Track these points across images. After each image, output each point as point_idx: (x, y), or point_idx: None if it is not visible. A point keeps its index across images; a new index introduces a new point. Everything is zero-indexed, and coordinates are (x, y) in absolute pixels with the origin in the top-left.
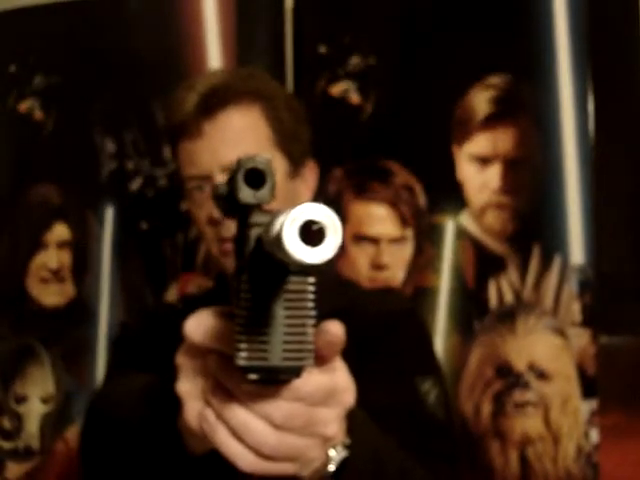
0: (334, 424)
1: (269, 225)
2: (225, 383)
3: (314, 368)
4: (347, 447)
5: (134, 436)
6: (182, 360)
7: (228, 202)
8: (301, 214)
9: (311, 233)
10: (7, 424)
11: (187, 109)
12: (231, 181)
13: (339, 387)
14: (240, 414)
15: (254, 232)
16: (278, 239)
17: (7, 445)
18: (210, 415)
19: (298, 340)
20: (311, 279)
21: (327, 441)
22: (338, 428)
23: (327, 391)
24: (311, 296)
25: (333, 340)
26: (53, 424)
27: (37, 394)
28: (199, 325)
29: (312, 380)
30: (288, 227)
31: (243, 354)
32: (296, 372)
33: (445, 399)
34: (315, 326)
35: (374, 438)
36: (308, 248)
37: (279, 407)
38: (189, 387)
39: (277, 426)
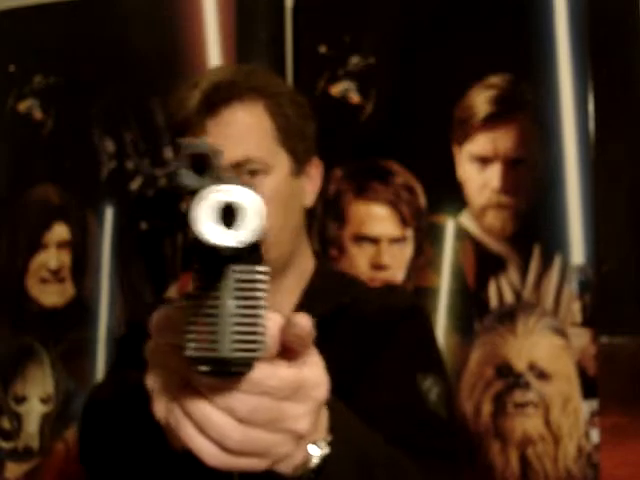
0: (304, 419)
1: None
2: (188, 377)
3: (282, 361)
4: (329, 443)
5: (125, 432)
6: (149, 353)
7: (162, 194)
8: (211, 193)
9: (229, 215)
10: (6, 424)
11: (190, 107)
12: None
13: (309, 382)
14: (203, 408)
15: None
16: (188, 218)
17: (6, 445)
18: (176, 409)
19: (249, 331)
20: (261, 268)
21: (299, 437)
22: (310, 424)
23: (294, 385)
24: (262, 285)
25: (301, 333)
26: (52, 424)
27: (36, 394)
28: (159, 316)
29: (278, 374)
30: (197, 206)
31: (192, 344)
32: (247, 364)
33: (447, 397)
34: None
35: (359, 434)
36: (220, 229)
37: (243, 401)
38: (156, 381)
39: (241, 420)
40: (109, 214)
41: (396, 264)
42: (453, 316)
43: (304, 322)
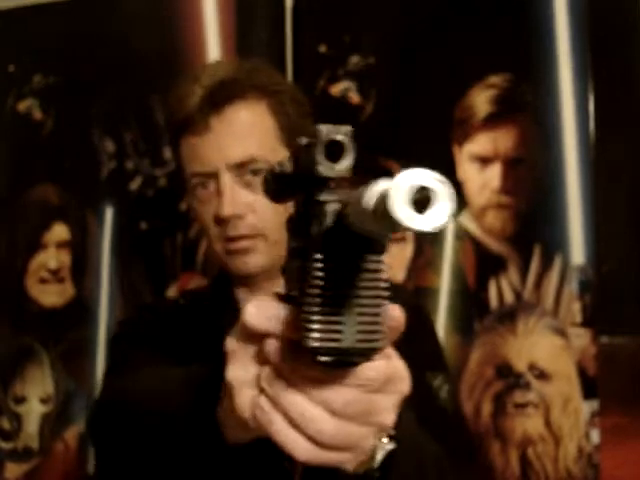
0: (391, 413)
1: (359, 197)
2: (283, 369)
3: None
4: (392, 439)
5: (167, 428)
6: (235, 346)
7: (291, 181)
8: (409, 179)
9: (421, 200)
10: (6, 424)
11: (193, 103)
12: (297, 156)
13: (397, 374)
14: (298, 401)
15: (330, 208)
16: (382, 209)
17: (6, 445)
18: (265, 403)
19: (372, 321)
20: (384, 258)
21: (383, 429)
22: (393, 417)
23: (387, 377)
24: (385, 276)
25: (395, 325)
26: (52, 424)
27: (36, 394)
28: (260, 310)
29: (373, 366)
30: (397, 194)
31: (315, 335)
32: (368, 355)
33: (455, 396)
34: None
35: (414, 430)
36: (420, 215)
37: (339, 393)
38: (241, 374)
39: (336, 413)
40: (109, 214)
41: (396, 264)
42: (453, 316)
43: (398, 314)
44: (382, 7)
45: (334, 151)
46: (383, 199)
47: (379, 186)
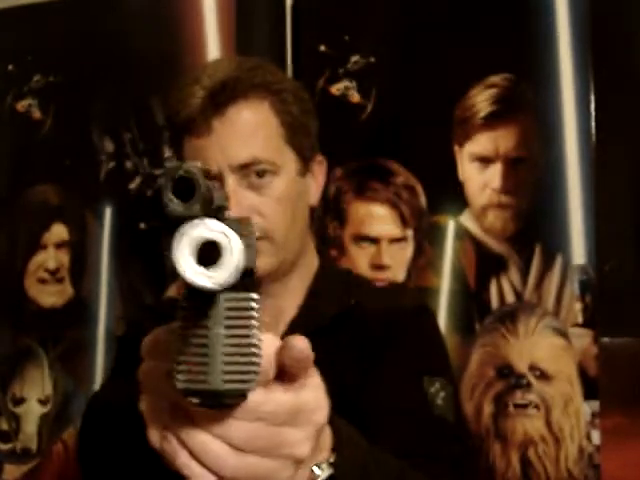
0: (304, 445)
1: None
2: (181, 404)
3: (278, 386)
4: (332, 465)
5: (133, 436)
6: (142, 377)
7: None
8: (192, 228)
9: (206, 252)
10: (5, 426)
11: (194, 104)
12: (156, 193)
13: (308, 405)
14: (198, 436)
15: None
16: (170, 258)
17: (5, 447)
18: (170, 437)
19: (241, 362)
20: (254, 295)
21: (299, 462)
22: (310, 448)
23: (291, 410)
24: (255, 314)
25: (299, 356)
26: (51, 426)
27: (35, 395)
28: (151, 341)
29: (274, 399)
30: (177, 241)
31: (181, 377)
32: (240, 396)
33: (455, 401)
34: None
35: (362, 454)
36: (201, 270)
37: (238, 428)
38: (150, 406)
39: (238, 447)
40: (108, 214)
41: (396, 264)
42: (454, 316)
43: (301, 344)
44: (382, 7)
45: (185, 189)
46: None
47: (180, 232)
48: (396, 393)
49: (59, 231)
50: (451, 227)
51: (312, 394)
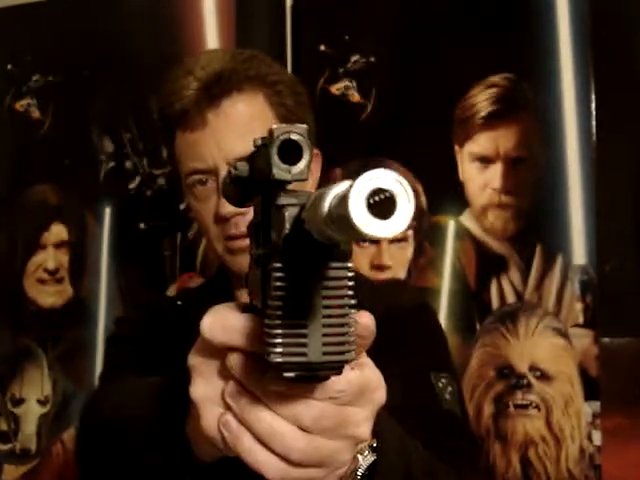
0: (365, 425)
1: (316, 201)
2: (249, 384)
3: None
4: (374, 450)
5: (137, 441)
6: (196, 361)
7: (248, 184)
8: (368, 183)
9: (379, 204)
10: (4, 426)
11: (188, 97)
12: (253, 158)
13: (370, 384)
14: (266, 418)
15: (288, 213)
16: (339, 214)
17: (4, 447)
18: (232, 421)
19: (339, 332)
20: (350, 264)
21: (358, 443)
22: (369, 428)
23: (359, 389)
24: (351, 283)
25: (363, 332)
26: (50, 426)
27: (34, 396)
28: (218, 322)
29: (344, 378)
30: (355, 199)
31: (278, 350)
32: (337, 368)
33: (460, 396)
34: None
35: (400, 439)
36: (378, 221)
37: (308, 408)
38: (205, 391)
39: (306, 428)
40: (107, 214)
41: (397, 264)
42: (454, 317)
43: (366, 320)
44: (382, 7)
45: (290, 152)
46: (340, 203)
47: (337, 189)
48: (406, 389)
49: (58, 231)
50: (451, 227)
51: (373, 372)
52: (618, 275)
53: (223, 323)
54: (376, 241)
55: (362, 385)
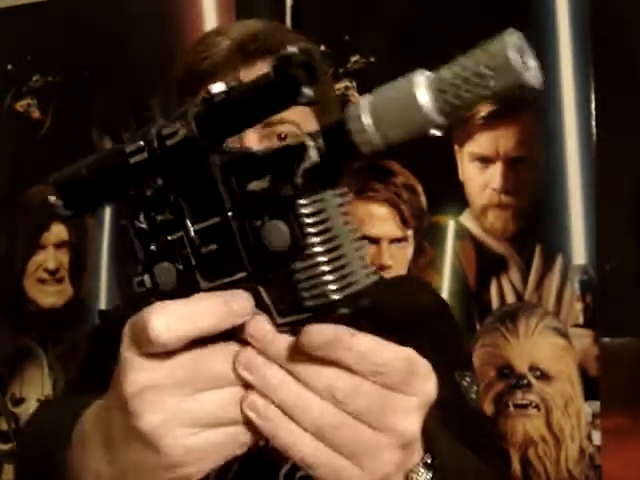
0: (413, 418)
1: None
2: (275, 351)
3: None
4: (430, 467)
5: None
6: (147, 378)
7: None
8: (513, 38)
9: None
10: (4, 426)
11: (220, 52)
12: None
13: (420, 369)
14: (294, 388)
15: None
16: (495, 63)
17: (4, 447)
18: (258, 399)
19: (364, 255)
20: (345, 189)
21: (404, 444)
22: (418, 426)
23: (406, 368)
24: (349, 206)
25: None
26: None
27: (34, 395)
28: (203, 311)
29: (389, 347)
30: (509, 44)
31: (332, 287)
32: (374, 290)
33: (479, 393)
34: None
35: (458, 455)
36: (533, 64)
37: (342, 378)
38: (165, 415)
39: (339, 403)
40: (107, 214)
41: (397, 264)
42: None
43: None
44: (382, 7)
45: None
46: (494, 54)
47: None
48: None
49: (58, 231)
50: (451, 227)
51: (422, 360)
52: (618, 275)
53: (232, 301)
54: (376, 241)
55: (409, 365)
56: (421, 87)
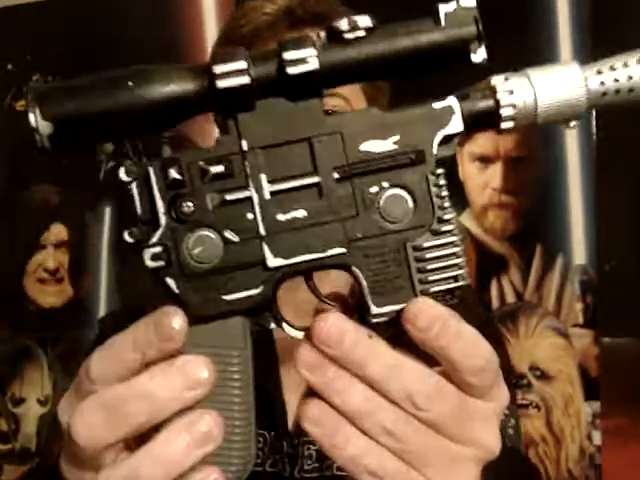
0: (492, 427)
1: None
2: (348, 349)
3: None
4: None
5: None
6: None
7: None
8: None
9: None
10: (4, 426)
11: (262, 19)
12: None
13: (501, 384)
14: (369, 394)
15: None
16: None
17: (4, 447)
18: (326, 410)
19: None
20: None
21: (481, 459)
22: (497, 441)
23: (497, 367)
24: None
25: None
26: (50, 426)
27: (34, 396)
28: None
29: (486, 342)
30: None
31: (462, 272)
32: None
33: (519, 428)
34: None
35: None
36: None
37: (423, 380)
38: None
39: (417, 411)
40: (107, 214)
41: None
42: None
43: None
44: (382, 7)
45: None
46: None
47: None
48: None
49: (58, 231)
50: None
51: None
52: (618, 275)
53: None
54: None
55: (498, 366)
56: (590, 77)
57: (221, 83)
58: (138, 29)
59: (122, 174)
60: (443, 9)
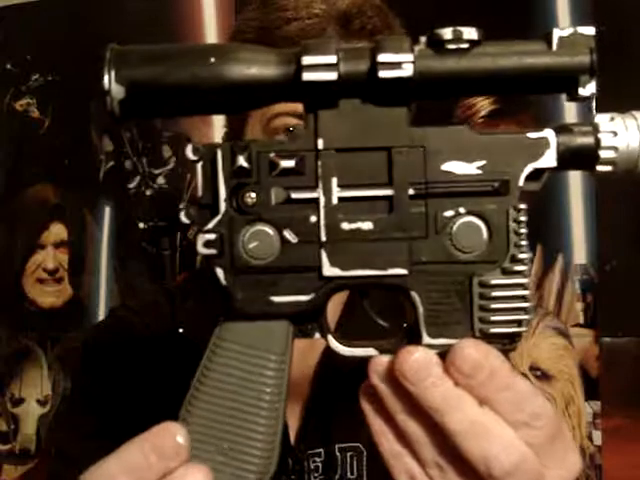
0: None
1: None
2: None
3: None
4: None
5: None
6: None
7: None
8: None
9: None
10: (3, 426)
11: (314, 18)
12: None
13: (566, 435)
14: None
15: None
16: None
17: (3, 447)
18: (419, 471)
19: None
20: None
21: None
22: None
23: (557, 425)
24: None
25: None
26: (50, 426)
27: (34, 396)
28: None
29: (542, 396)
30: None
31: (526, 316)
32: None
33: None
34: None
35: None
36: None
37: (506, 449)
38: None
39: (498, 475)
40: (107, 213)
41: None
42: None
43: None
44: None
45: None
46: None
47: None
48: None
49: (58, 231)
50: None
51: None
52: (618, 275)
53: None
54: None
55: (557, 425)
56: None
57: (307, 75)
58: (138, 29)
59: (189, 152)
60: (557, 33)
